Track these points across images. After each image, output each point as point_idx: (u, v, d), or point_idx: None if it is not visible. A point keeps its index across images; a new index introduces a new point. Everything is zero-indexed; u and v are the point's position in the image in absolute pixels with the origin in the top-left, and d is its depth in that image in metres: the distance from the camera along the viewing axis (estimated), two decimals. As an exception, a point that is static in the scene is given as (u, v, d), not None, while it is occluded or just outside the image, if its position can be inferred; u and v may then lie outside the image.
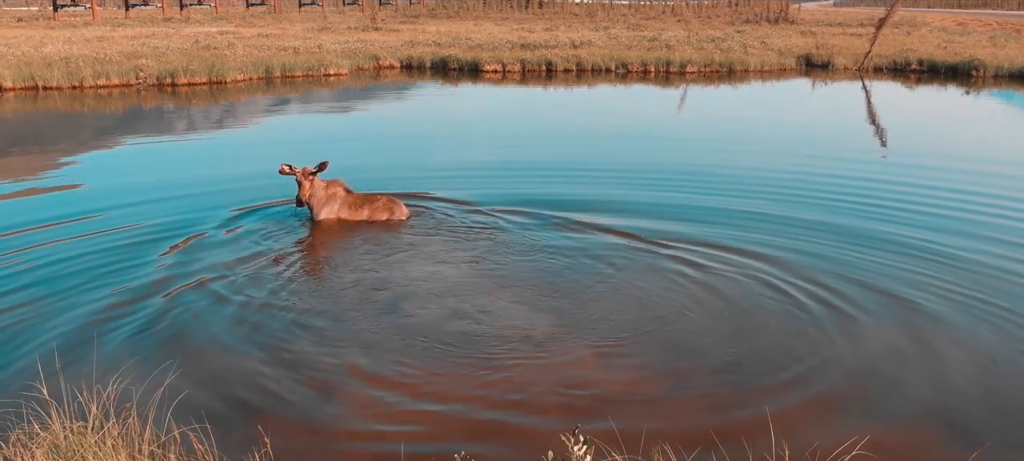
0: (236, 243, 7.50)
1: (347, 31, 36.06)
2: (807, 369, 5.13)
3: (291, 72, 22.50)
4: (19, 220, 8.20)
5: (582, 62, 24.80)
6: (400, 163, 11.46)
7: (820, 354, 5.34)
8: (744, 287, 6.50)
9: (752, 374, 5.06)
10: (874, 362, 5.28)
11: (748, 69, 24.74)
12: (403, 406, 4.62)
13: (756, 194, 9.56)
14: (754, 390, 4.84)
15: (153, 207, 8.72)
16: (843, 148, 13.02)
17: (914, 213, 8.75)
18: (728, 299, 6.26)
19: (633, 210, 8.73)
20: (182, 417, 4.10)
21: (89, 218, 8.27)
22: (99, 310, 5.91)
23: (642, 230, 7.96)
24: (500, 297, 6.22)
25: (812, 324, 5.82)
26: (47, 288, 6.29)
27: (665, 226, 8.11)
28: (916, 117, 17.49)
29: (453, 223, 8.24)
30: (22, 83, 19.10)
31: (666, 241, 7.60)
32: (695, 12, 54.68)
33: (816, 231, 8.05)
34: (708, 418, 4.52)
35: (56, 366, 4.69)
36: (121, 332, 5.56)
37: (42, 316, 5.77)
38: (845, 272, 6.82)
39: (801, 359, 5.26)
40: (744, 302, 6.21)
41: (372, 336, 5.53)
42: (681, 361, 5.24)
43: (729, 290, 6.43)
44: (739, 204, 9.07)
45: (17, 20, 45.95)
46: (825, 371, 5.12)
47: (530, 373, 5.00)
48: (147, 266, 6.85)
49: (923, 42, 30.08)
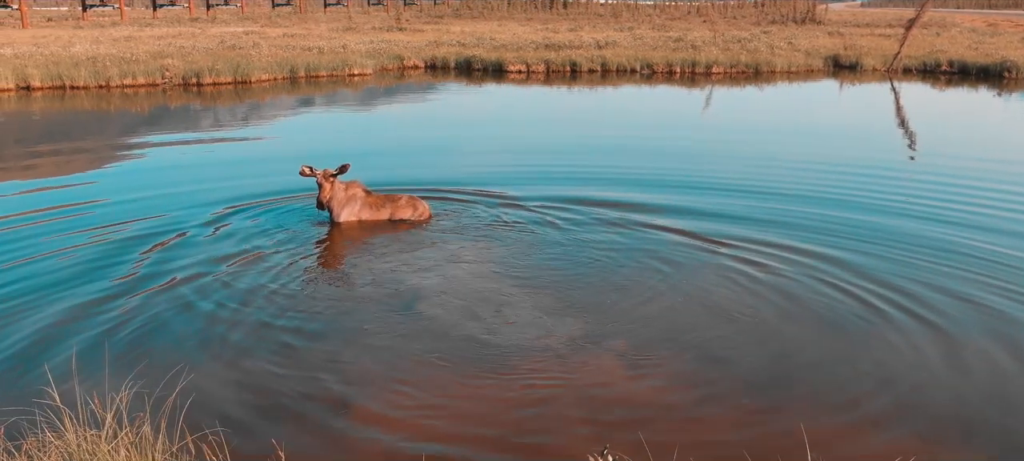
0: (252, 244, 7.41)
1: (372, 31, 36.11)
2: (850, 382, 4.93)
3: (315, 72, 22.52)
4: (39, 216, 8.19)
5: (607, 63, 24.62)
6: (423, 162, 11.36)
7: (865, 366, 5.13)
8: (785, 290, 6.33)
9: (787, 386, 4.88)
10: (927, 376, 5.02)
11: (775, 70, 24.44)
12: (421, 417, 4.49)
13: (791, 195, 9.38)
14: (790, 404, 4.67)
15: (166, 206, 8.69)
16: (881, 149, 12.77)
17: (963, 214, 8.57)
18: (768, 302, 6.09)
19: (664, 208, 8.62)
20: (195, 424, 4.02)
21: (98, 216, 8.24)
22: (113, 310, 5.85)
23: (674, 226, 7.85)
24: (524, 301, 6.08)
25: (857, 332, 5.61)
26: (62, 286, 6.25)
27: (700, 224, 7.96)
28: (951, 118, 17.14)
29: (476, 222, 8.14)
30: (50, 83, 19.23)
31: (700, 237, 7.49)
32: (721, 12, 54.26)
33: (862, 233, 7.86)
34: (741, 434, 4.34)
35: (71, 368, 4.61)
36: (135, 334, 5.49)
37: (54, 315, 5.72)
38: (890, 277, 6.60)
39: (844, 371, 5.07)
40: (787, 305, 6.04)
41: (390, 342, 5.42)
42: (714, 371, 5.07)
43: (769, 294, 6.27)
44: (775, 203, 8.94)
45: (47, 20, 46.50)
46: (867, 384, 4.90)
47: (554, 383, 4.85)
48: (162, 266, 6.79)
49: (953, 43, 29.60)
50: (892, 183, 10.24)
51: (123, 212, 8.47)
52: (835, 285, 6.45)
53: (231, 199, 8.95)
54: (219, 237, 7.63)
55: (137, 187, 9.72)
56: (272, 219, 8.25)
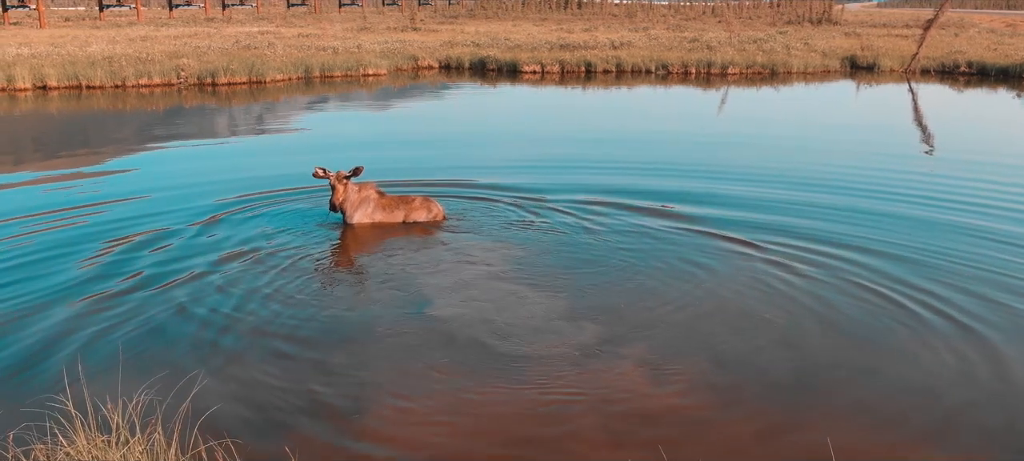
0: (260, 246, 7.35)
1: (386, 31, 36.13)
2: (888, 394, 4.76)
3: (330, 72, 22.53)
4: (53, 215, 8.19)
5: (622, 63, 24.51)
6: (437, 163, 11.29)
7: (905, 377, 4.95)
8: (818, 293, 6.22)
9: (818, 397, 4.74)
10: (975, 390, 4.79)
11: (791, 71, 24.26)
12: (432, 430, 4.38)
13: (820, 194, 9.30)
14: (819, 416, 4.53)
15: (178, 205, 8.67)
16: (911, 149, 12.60)
17: (998, 215, 8.48)
18: (800, 305, 5.99)
19: (686, 207, 8.57)
20: (206, 431, 3.96)
21: (110, 216, 8.22)
22: (120, 312, 5.81)
23: (698, 227, 7.78)
24: (539, 305, 5.99)
25: (896, 338, 5.46)
26: (76, 287, 6.22)
27: (724, 224, 7.89)
28: (984, 120, 16.96)
29: (491, 222, 8.08)
30: (66, 82, 19.32)
31: (726, 237, 7.42)
32: (736, 13, 53.91)
33: (902, 235, 7.75)
34: (764, 447, 4.23)
35: (78, 372, 4.54)
36: (145, 337, 5.44)
37: (67, 316, 5.70)
38: (930, 282, 6.45)
39: (880, 381, 4.93)
40: (821, 310, 5.93)
41: (405, 349, 5.32)
42: (737, 375, 4.94)
43: (801, 297, 6.16)
44: (805, 202, 8.90)
45: (65, 20, 46.81)
46: (908, 398, 4.71)
47: (569, 393, 4.76)
48: (172, 266, 6.75)
49: (972, 44, 29.32)
50: (927, 182, 10.13)
51: (134, 212, 8.45)
52: (873, 289, 6.30)
53: (241, 200, 8.91)
54: (227, 238, 7.57)
55: (149, 187, 9.68)
56: (283, 221, 8.19)
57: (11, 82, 18.90)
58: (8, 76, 18.94)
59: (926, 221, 8.31)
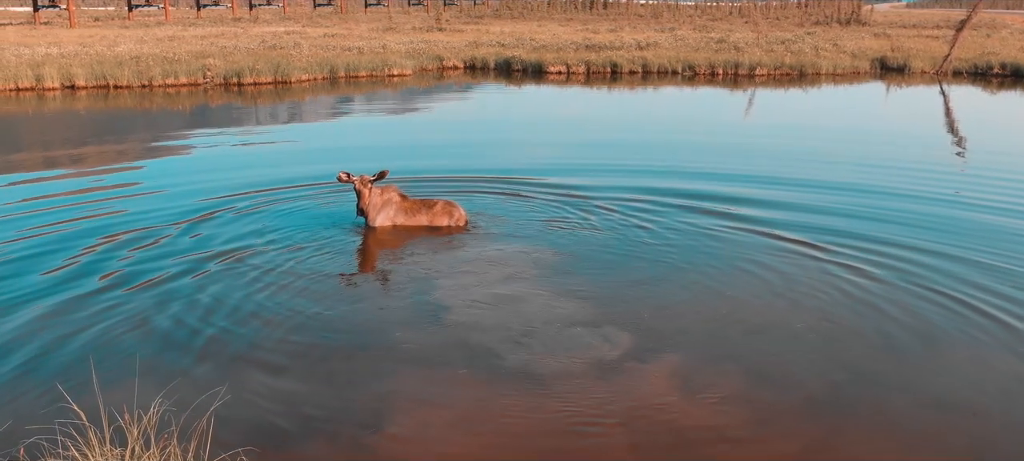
0: (280, 248, 7.27)
1: (412, 31, 36.14)
2: (936, 410, 4.57)
3: (355, 72, 22.53)
4: (79, 211, 8.18)
5: (648, 64, 24.30)
6: (457, 164, 11.19)
7: (957, 391, 4.75)
8: (866, 300, 6.03)
9: (859, 411, 4.56)
10: None
11: (820, 72, 23.92)
12: (452, 443, 4.26)
13: (874, 195, 9.17)
14: (851, 425, 4.37)
15: (199, 203, 8.63)
16: (954, 151, 12.36)
17: None
18: (849, 311, 5.83)
19: (719, 200, 8.46)
20: (223, 441, 3.87)
21: (126, 217, 8.19)
22: (138, 315, 5.76)
23: (740, 226, 7.66)
24: (565, 310, 5.84)
25: (957, 347, 5.28)
26: (95, 293, 6.18)
27: (767, 224, 7.75)
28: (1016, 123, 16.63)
29: (511, 226, 7.96)
30: (94, 82, 19.44)
31: (754, 229, 7.30)
32: (763, 13, 53.43)
33: (960, 237, 7.55)
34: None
35: (90, 377, 4.43)
36: (163, 343, 5.38)
37: (80, 320, 5.64)
38: (996, 285, 6.25)
39: (900, 390, 4.74)
40: (871, 315, 5.75)
41: (425, 359, 5.19)
42: (772, 390, 4.75)
43: (849, 302, 6.00)
44: (858, 203, 8.77)
45: (94, 20, 47.30)
46: (958, 414, 4.54)
47: (598, 404, 4.61)
48: (192, 274, 6.65)
49: (1005, 45, 28.79)
50: (981, 184, 9.93)
51: (153, 209, 8.41)
52: (935, 290, 6.11)
53: (258, 201, 8.86)
54: (231, 238, 7.53)
55: (172, 184, 9.66)
56: (302, 222, 8.11)
57: (40, 81, 19.05)
58: (37, 75, 19.10)
59: (987, 226, 8.09)
